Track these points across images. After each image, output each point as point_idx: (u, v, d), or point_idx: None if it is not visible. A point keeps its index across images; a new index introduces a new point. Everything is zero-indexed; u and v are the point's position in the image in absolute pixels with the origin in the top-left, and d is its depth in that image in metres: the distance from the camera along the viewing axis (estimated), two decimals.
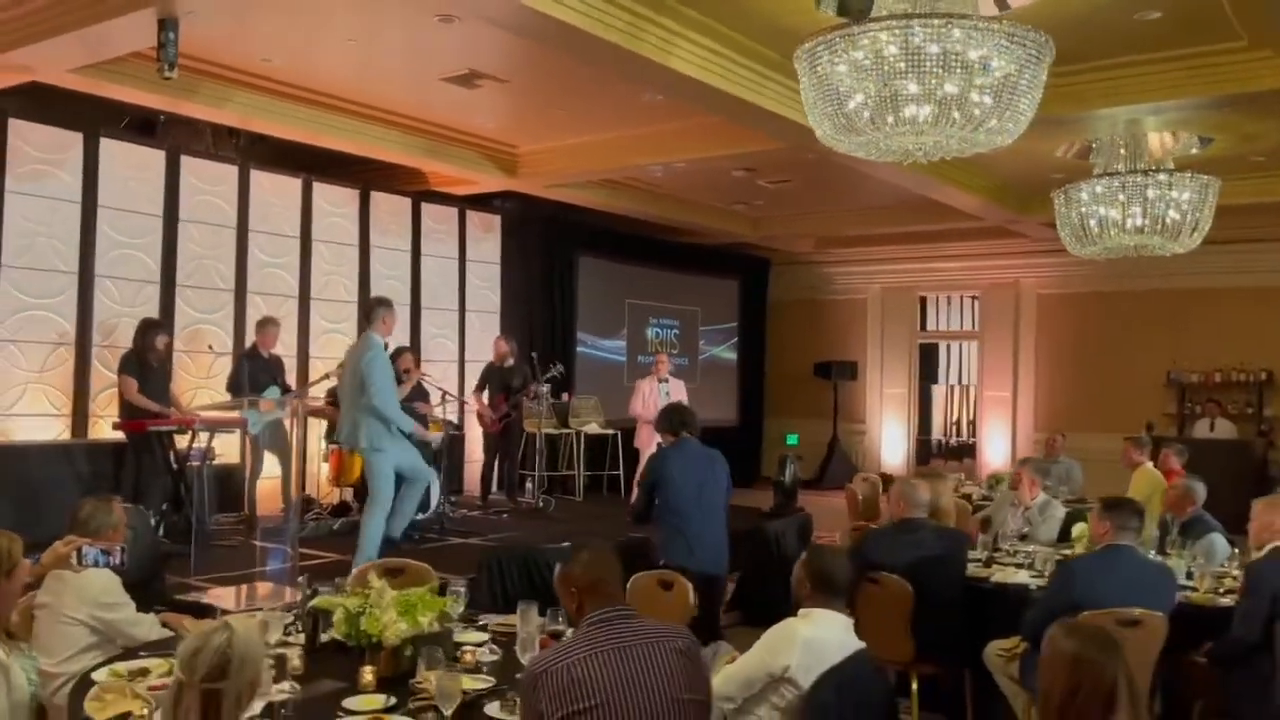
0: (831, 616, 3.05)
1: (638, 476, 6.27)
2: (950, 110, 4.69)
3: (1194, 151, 8.57)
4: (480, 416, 9.40)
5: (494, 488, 9.63)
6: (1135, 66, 6.93)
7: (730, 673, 3.07)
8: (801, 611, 3.09)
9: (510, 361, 9.35)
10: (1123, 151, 8.00)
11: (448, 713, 2.64)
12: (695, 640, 2.74)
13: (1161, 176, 7.56)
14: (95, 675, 2.95)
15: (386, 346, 6.34)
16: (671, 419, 5.35)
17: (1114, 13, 6.09)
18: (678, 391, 9.12)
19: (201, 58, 7.09)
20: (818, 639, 2.97)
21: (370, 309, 6.40)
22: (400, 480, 6.28)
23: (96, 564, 3.33)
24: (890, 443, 14.90)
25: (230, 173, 8.90)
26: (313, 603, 3.27)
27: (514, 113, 8.61)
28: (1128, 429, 11.06)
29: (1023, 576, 4.71)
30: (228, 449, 8.15)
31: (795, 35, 5.07)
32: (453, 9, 6.03)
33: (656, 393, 9.03)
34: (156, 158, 8.41)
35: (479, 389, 9.48)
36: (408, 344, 9.52)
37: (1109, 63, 6.96)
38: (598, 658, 2.52)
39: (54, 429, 7.70)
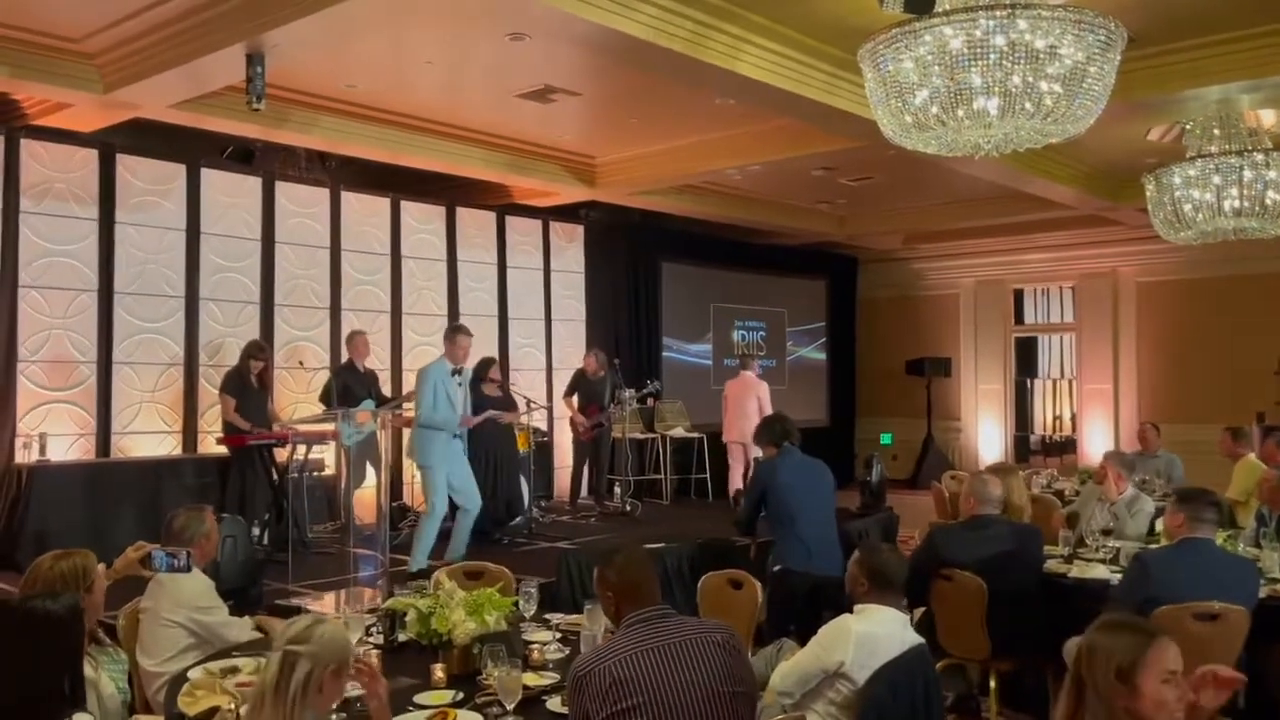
0: (887, 612, 3.08)
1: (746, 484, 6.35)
2: (1020, 101, 4.63)
3: None
4: (574, 424, 9.60)
5: (583, 492, 9.81)
6: (1221, 45, 6.70)
7: (787, 669, 3.11)
8: (857, 608, 3.12)
9: (601, 374, 9.52)
10: (1216, 132, 7.73)
11: (510, 707, 2.76)
12: (735, 634, 2.80)
13: (1258, 157, 7.27)
14: (190, 674, 3.15)
15: (457, 372, 6.63)
16: (774, 431, 5.40)
17: None
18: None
19: (290, 87, 7.42)
20: (871, 635, 2.99)
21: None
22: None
23: (163, 567, 3.53)
24: (987, 440, 14.60)
25: (322, 195, 9.28)
26: (387, 603, 3.43)
27: (589, 124, 8.77)
28: (1237, 419, 10.59)
29: (1102, 571, 4.62)
30: (331, 461, 8.50)
31: (862, 34, 5.06)
32: (522, 27, 6.20)
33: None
34: (253, 184, 8.84)
35: (568, 394, 9.67)
36: (494, 355, 9.76)
37: (1195, 42, 6.75)
38: (638, 657, 2.59)
39: (167, 445, 8.16)
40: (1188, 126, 8.14)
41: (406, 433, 9.00)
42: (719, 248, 13.15)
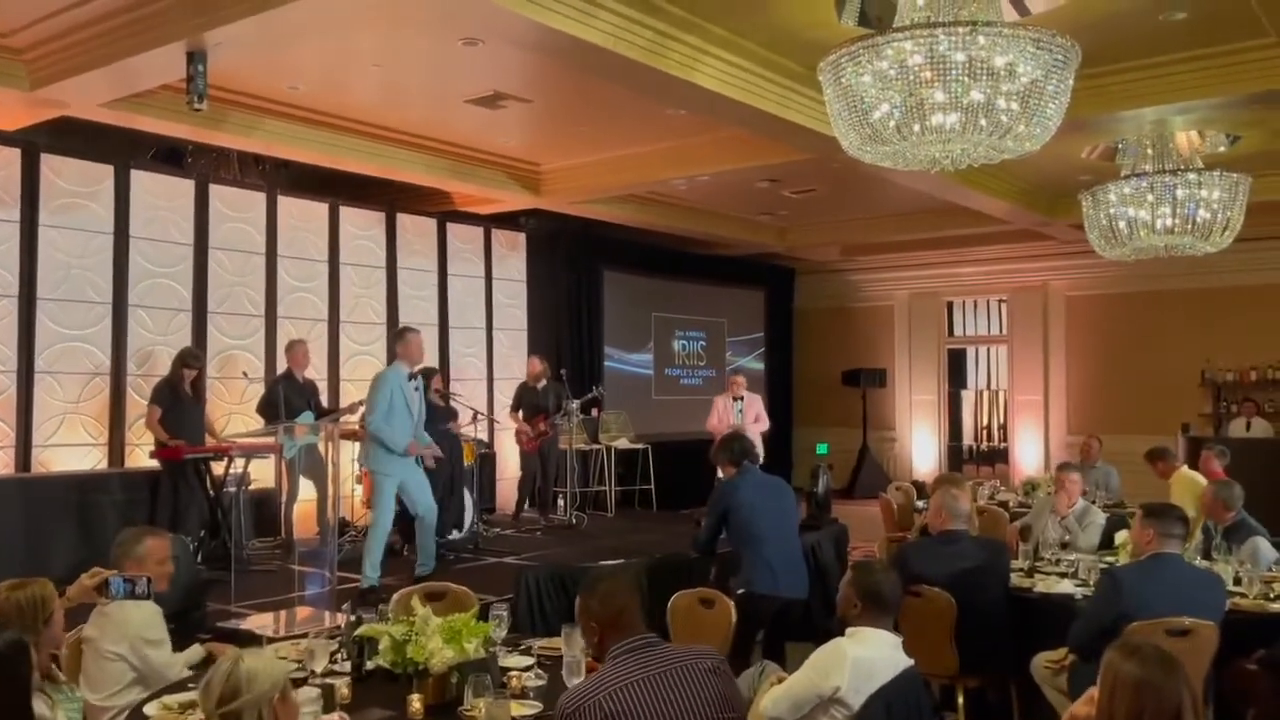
0: (880, 635, 3.03)
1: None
2: (977, 118, 4.67)
3: (1222, 150, 8.48)
4: (519, 434, 9.39)
5: (526, 505, 9.66)
6: (1162, 67, 6.86)
7: (778, 694, 3.04)
8: (849, 630, 3.07)
9: (543, 382, 9.37)
10: (1150, 151, 7.93)
11: None
12: (723, 659, 2.73)
13: (1191, 176, 7.48)
14: (146, 709, 2.96)
15: (414, 376, 6.43)
16: (732, 449, 5.27)
17: (1139, 15, 6.04)
18: (753, 407, 9.27)
19: (229, 87, 7.16)
20: (867, 659, 2.94)
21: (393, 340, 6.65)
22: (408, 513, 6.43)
23: (120, 594, 3.31)
24: (921, 450, 14.81)
25: (258, 199, 8.99)
26: (358, 631, 3.27)
27: (537, 131, 8.65)
28: (1163, 430, 10.93)
29: (1067, 586, 4.65)
30: (261, 474, 8.20)
31: (819, 47, 5.06)
32: (478, 32, 6.07)
33: (730, 409, 9.25)
34: (185, 187, 8.51)
35: (514, 409, 9.50)
36: (435, 364, 9.54)
37: (1135, 64, 6.89)
38: (629, 689, 2.50)
39: (91, 459, 7.79)
40: (1120, 145, 8.35)
41: (346, 445, 8.79)
42: (660, 257, 13.14)
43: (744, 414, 9.41)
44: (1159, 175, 7.58)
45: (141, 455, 7.78)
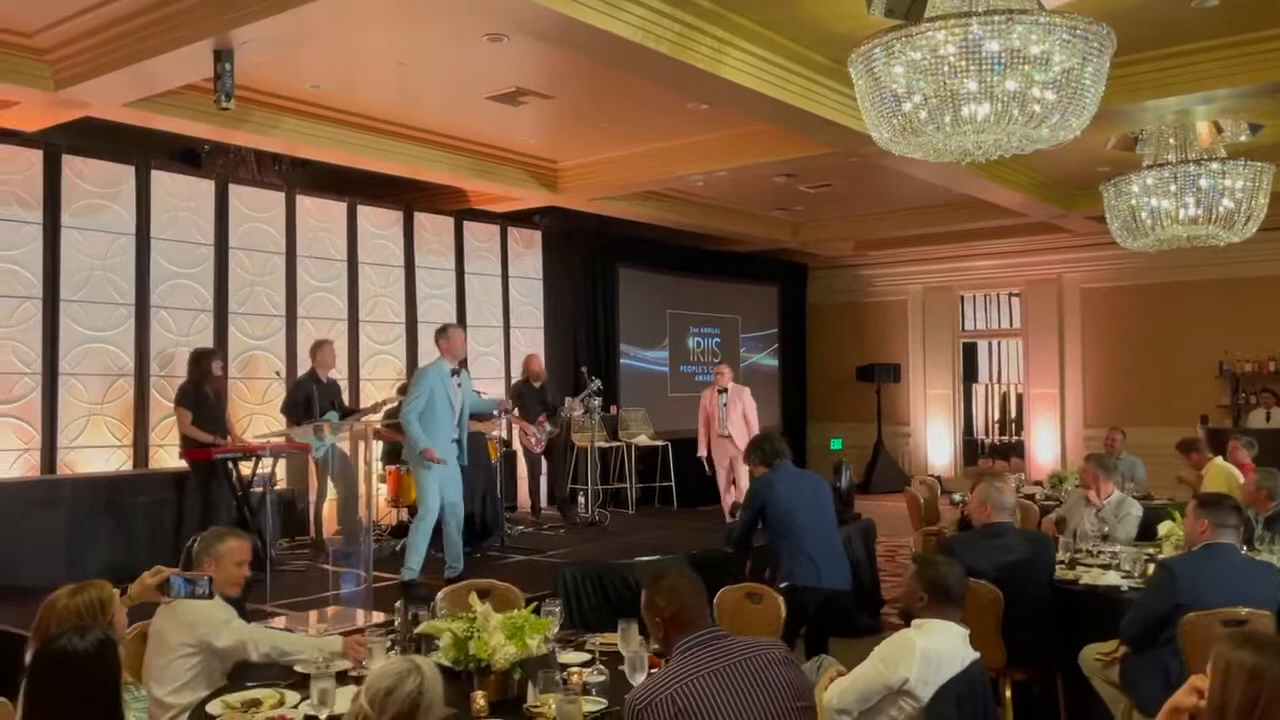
0: (949, 627, 3.00)
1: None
2: (1010, 108, 4.64)
3: (1243, 139, 8.43)
4: (526, 435, 9.18)
5: (543, 502, 9.62)
6: (1188, 55, 6.84)
7: (845, 686, 3.02)
8: (915, 622, 3.04)
9: (540, 382, 9.28)
10: (1172, 142, 7.89)
11: None
12: (789, 649, 2.73)
13: (1214, 165, 7.44)
14: (209, 708, 2.94)
15: (456, 372, 6.38)
16: (764, 449, 5.24)
17: (1171, 3, 6.02)
18: (737, 398, 9.01)
19: (251, 87, 7.13)
20: (935, 650, 2.92)
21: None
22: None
23: (182, 594, 3.30)
24: (936, 444, 14.78)
25: (277, 199, 8.97)
26: (419, 628, 3.25)
27: (557, 128, 8.62)
28: (1181, 422, 10.91)
29: (1113, 577, 4.62)
30: (281, 473, 8.17)
31: (847, 40, 5.05)
32: (503, 27, 6.05)
33: (715, 403, 9.01)
34: (205, 187, 8.49)
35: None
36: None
37: (1161, 53, 6.87)
38: (699, 682, 2.49)
39: (116, 459, 7.77)
40: (1141, 135, 8.30)
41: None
42: (675, 254, 13.12)
43: (728, 409, 8.81)
44: (1182, 165, 7.54)
45: (165, 456, 7.77)
